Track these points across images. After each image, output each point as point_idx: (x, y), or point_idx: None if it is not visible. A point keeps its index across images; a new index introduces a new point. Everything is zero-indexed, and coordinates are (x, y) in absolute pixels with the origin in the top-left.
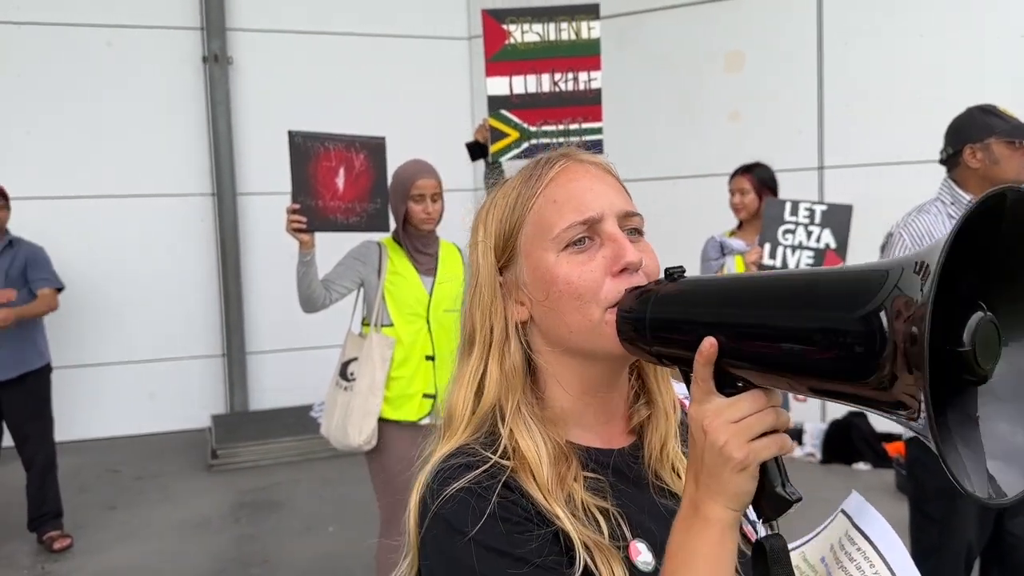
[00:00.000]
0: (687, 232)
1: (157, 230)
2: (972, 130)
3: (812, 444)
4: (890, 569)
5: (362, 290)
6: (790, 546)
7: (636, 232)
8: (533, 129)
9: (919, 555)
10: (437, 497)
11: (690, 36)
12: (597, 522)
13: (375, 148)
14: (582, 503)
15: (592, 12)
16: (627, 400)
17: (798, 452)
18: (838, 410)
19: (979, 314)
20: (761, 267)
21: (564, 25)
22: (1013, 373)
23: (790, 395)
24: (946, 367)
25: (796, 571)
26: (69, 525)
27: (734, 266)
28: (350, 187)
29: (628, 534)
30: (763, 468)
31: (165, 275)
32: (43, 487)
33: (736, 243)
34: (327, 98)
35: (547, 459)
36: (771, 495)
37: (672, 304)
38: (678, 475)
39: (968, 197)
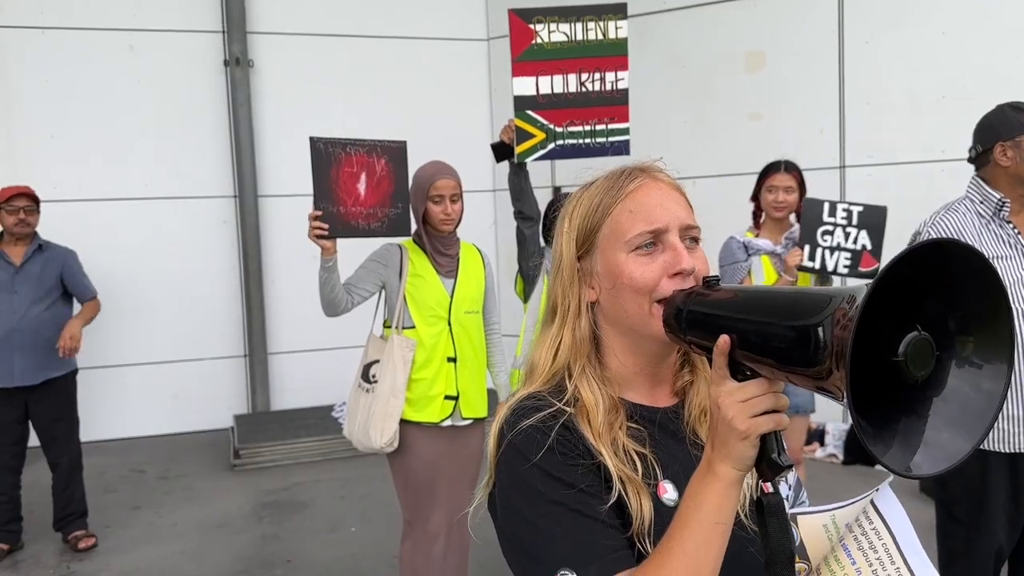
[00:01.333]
0: (707, 231)
1: (179, 232)
2: (1003, 128)
3: (834, 445)
4: (901, 553)
5: (383, 292)
6: (824, 508)
7: (694, 241)
8: (559, 130)
9: (947, 558)
10: (512, 428)
11: (708, 36)
12: (634, 463)
13: (396, 152)
14: (623, 446)
15: (620, 11)
16: (674, 369)
17: (819, 453)
18: None
19: (914, 333)
20: (801, 268)
21: (591, 25)
22: (967, 390)
23: (814, 395)
24: (893, 373)
25: (823, 530)
26: (95, 525)
27: (761, 266)
28: (372, 192)
29: (660, 475)
30: (763, 439)
31: (187, 276)
32: (69, 487)
33: (763, 243)
34: (347, 100)
35: (602, 408)
36: (769, 461)
37: (703, 306)
38: None
39: (998, 195)
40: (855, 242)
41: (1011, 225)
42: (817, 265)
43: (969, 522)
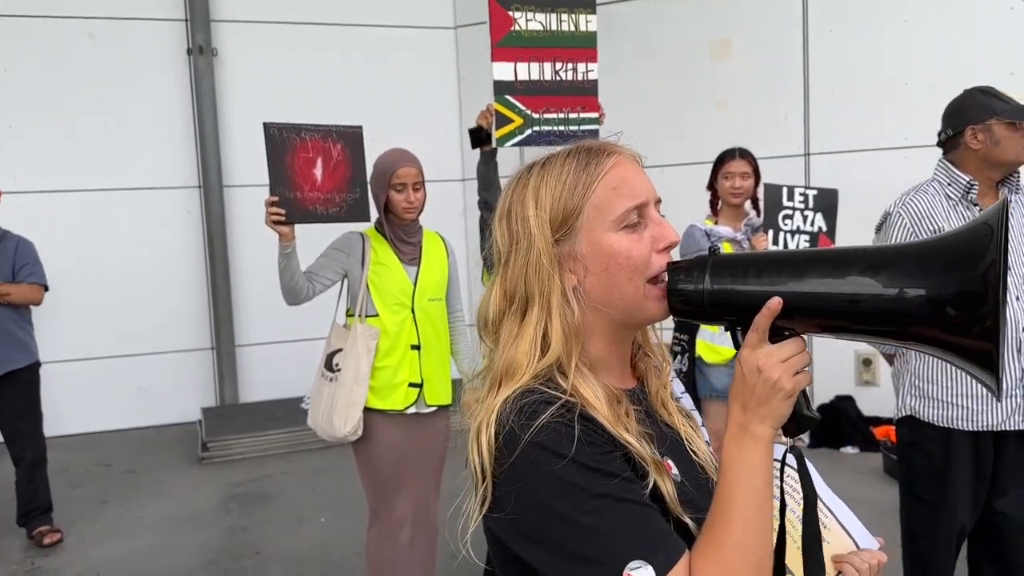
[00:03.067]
0: (675, 219)
1: (143, 224)
2: (973, 111)
3: None
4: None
5: (346, 281)
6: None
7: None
8: (536, 116)
9: (910, 536)
10: (525, 429)
11: (677, 25)
12: (650, 446)
13: (352, 137)
14: (635, 432)
15: (589, 6)
16: (632, 350)
17: (785, 437)
18: (825, 394)
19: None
20: None
21: (564, 16)
22: None
23: None
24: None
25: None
26: (60, 520)
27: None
28: (328, 177)
29: (657, 454)
30: None
31: (152, 269)
32: (33, 482)
33: (723, 230)
34: (313, 89)
35: (603, 399)
36: (800, 416)
37: (735, 273)
38: (667, 410)
39: (967, 178)
40: (812, 224)
41: (978, 208)
42: (780, 249)
43: (932, 501)
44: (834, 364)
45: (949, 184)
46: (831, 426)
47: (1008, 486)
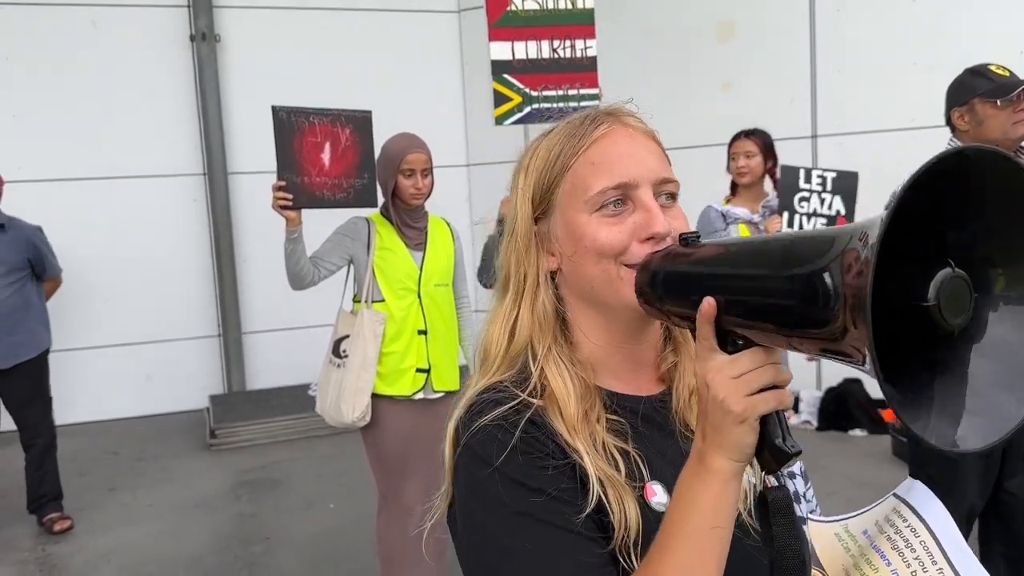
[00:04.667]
0: (683, 202)
1: (149, 211)
2: (958, 93)
3: (808, 412)
4: (942, 550)
5: (352, 267)
6: (837, 518)
7: (671, 197)
8: (535, 94)
9: None
10: (467, 429)
11: (680, 6)
12: (615, 461)
13: (361, 122)
14: (603, 443)
15: None
16: (657, 350)
17: (794, 420)
18: (834, 377)
19: (946, 270)
20: None
21: None
22: (1011, 337)
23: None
24: (920, 322)
25: (836, 539)
26: (69, 508)
27: (739, 235)
28: (336, 162)
29: (646, 475)
30: (763, 421)
31: (158, 256)
32: (42, 468)
33: (739, 211)
34: (317, 74)
35: (574, 395)
36: (772, 447)
37: (681, 266)
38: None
39: None
40: (830, 207)
41: None
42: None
43: (941, 482)
44: None
45: None
46: (839, 409)
47: (1018, 467)
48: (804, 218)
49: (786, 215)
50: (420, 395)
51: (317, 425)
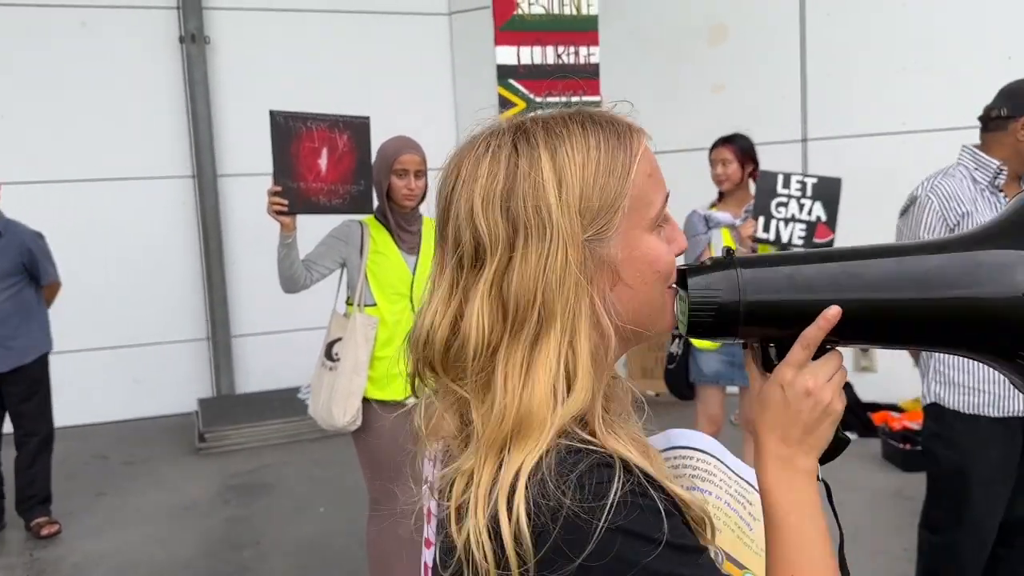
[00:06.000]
0: (674, 206)
1: (138, 214)
2: None
3: None
4: (723, 463)
5: (344, 270)
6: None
7: None
8: (539, 100)
9: (931, 529)
10: (600, 509)
11: (673, 8)
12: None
13: (359, 128)
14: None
15: None
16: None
17: None
18: None
19: None
20: (756, 240)
21: (566, 0)
22: None
23: None
24: None
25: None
26: (57, 512)
27: (721, 239)
28: (333, 168)
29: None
30: None
31: (147, 259)
32: (33, 466)
33: (722, 216)
34: (307, 76)
35: (637, 453)
36: (836, 439)
37: (776, 286)
38: None
39: (996, 162)
40: (809, 213)
41: (1002, 194)
42: (772, 236)
43: (957, 493)
44: None
45: (976, 168)
46: None
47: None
48: (781, 223)
49: (762, 219)
50: (412, 400)
51: (307, 429)
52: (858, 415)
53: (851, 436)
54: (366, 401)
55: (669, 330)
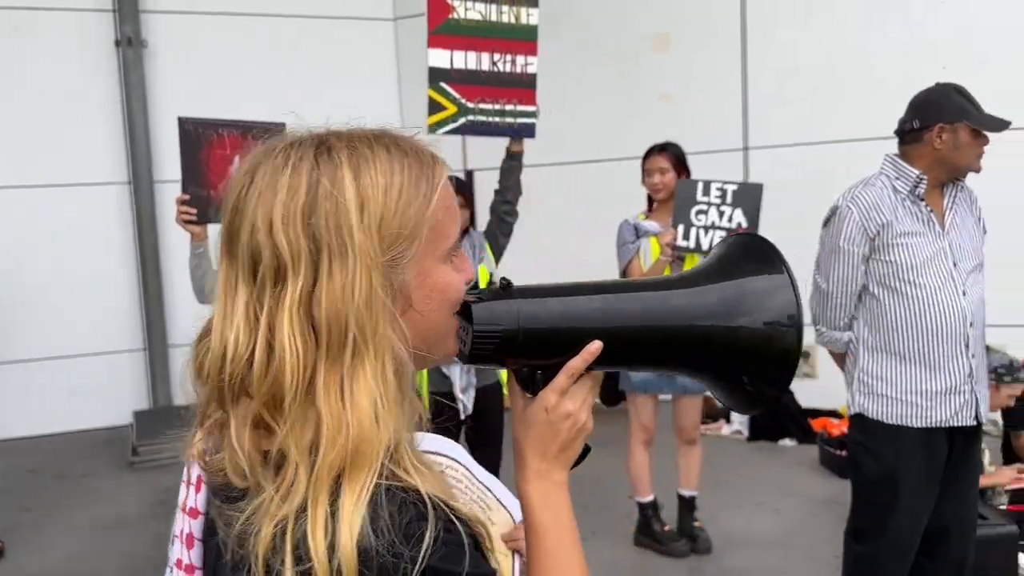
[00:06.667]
0: (624, 214)
1: (72, 220)
2: (947, 110)
3: (739, 422)
4: (469, 471)
5: None
6: None
7: None
8: (471, 105)
9: (855, 538)
10: (410, 555)
11: (621, 17)
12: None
13: (272, 135)
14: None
15: (531, 0)
16: None
17: (726, 430)
18: None
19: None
20: (676, 248)
21: (505, 8)
22: None
23: None
24: None
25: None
26: None
27: (649, 248)
28: None
29: None
30: None
31: (82, 267)
32: None
33: (651, 225)
34: (247, 82)
35: (440, 486)
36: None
37: (546, 309)
38: None
39: (916, 171)
40: (730, 220)
41: (924, 203)
42: (692, 244)
43: (882, 504)
44: None
45: (897, 178)
46: (770, 419)
47: (951, 495)
48: (702, 231)
49: (681, 228)
50: None
51: None
52: (798, 421)
53: (790, 443)
54: None
55: (452, 356)
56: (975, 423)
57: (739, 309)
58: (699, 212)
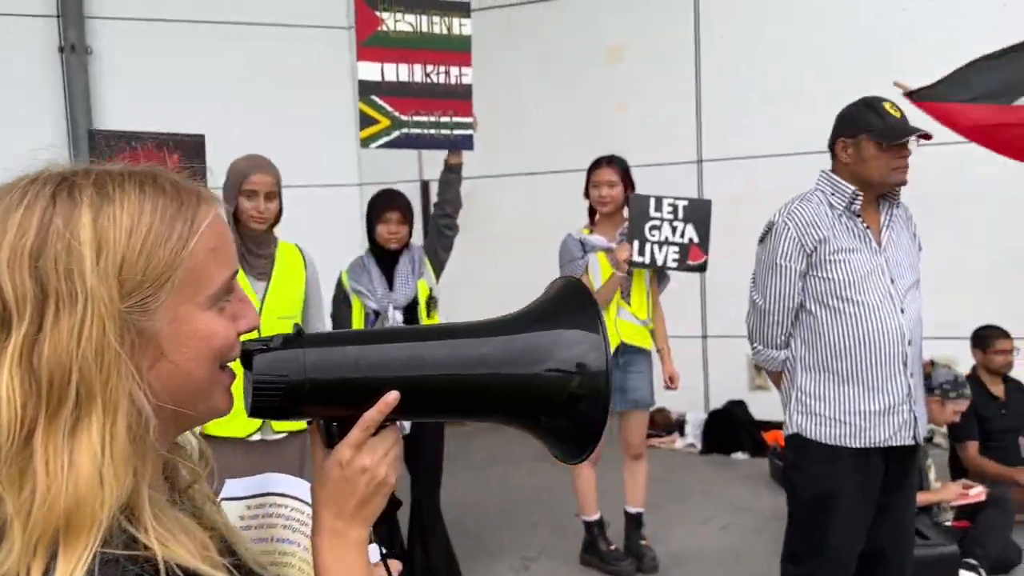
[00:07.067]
0: (571, 226)
1: None
2: (848, 124)
3: (693, 435)
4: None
5: None
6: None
7: None
8: (405, 118)
9: (792, 559)
10: None
11: (575, 28)
12: None
13: (191, 147)
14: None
15: (463, 10)
16: None
17: (679, 443)
18: (718, 399)
19: None
20: (632, 264)
21: (436, 19)
22: None
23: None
24: None
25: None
26: None
27: (598, 263)
28: None
29: None
30: None
31: None
32: None
33: (597, 240)
34: (196, 90)
35: (187, 551)
36: (388, 502)
37: (339, 358)
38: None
39: (851, 188)
40: (682, 236)
41: (860, 219)
42: (647, 260)
43: (818, 525)
44: (727, 369)
45: (833, 193)
46: (723, 432)
47: (887, 518)
48: (655, 246)
49: (636, 243)
50: (257, 436)
51: None
52: (750, 433)
53: (742, 456)
54: (208, 437)
55: (224, 412)
56: (913, 443)
57: (545, 356)
58: (652, 227)
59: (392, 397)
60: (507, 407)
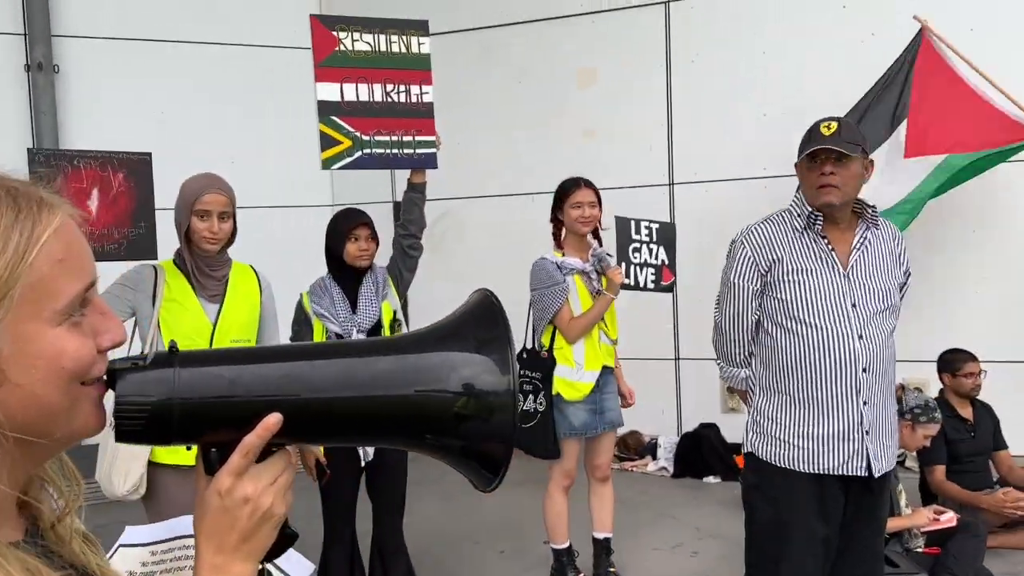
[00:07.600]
0: (540, 249)
1: None
2: (800, 147)
3: (665, 458)
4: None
5: (135, 320)
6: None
7: None
8: (366, 138)
9: None
10: None
11: (548, 51)
12: None
13: (136, 165)
14: None
15: (421, 28)
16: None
17: (651, 467)
18: (690, 423)
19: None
20: (624, 286)
21: (394, 38)
22: None
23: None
24: None
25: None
26: None
27: (575, 286)
28: (106, 210)
29: None
30: None
31: None
32: None
33: (574, 262)
34: (164, 110)
35: None
36: (282, 535)
37: (214, 378)
38: (72, 547)
39: (809, 209)
40: (656, 257)
41: (825, 240)
42: (631, 282)
43: (776, 551)
44: (700, 392)
45: (798, 214)
46: (695, 455)
47: (852, 546)
48: (637, 268)
49: (623, 265)
50: None
51: (93, 492)
52: (722, 457)
53: (714, 480)
54: (155, 466)
55: (96, 429)
56: (867, 475)
57: (430, 377)
58: (634, 250)
59: (273, 420)
60: (392, 427)
